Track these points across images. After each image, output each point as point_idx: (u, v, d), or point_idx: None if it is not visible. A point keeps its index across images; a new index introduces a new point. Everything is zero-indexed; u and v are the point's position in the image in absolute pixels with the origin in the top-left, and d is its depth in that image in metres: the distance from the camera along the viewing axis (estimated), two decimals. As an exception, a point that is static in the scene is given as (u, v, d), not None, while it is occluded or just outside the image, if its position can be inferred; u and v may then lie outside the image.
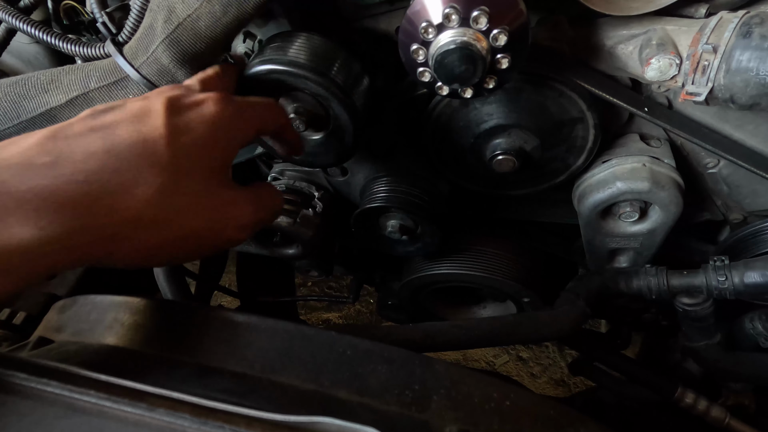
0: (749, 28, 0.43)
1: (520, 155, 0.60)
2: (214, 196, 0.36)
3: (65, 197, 0.29)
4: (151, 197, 0.32)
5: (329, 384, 0.31)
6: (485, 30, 0.42)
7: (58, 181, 0.29)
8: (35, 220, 0.28)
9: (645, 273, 0.63)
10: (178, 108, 0.35)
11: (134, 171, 0.32)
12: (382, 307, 1.02)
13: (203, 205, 0.35)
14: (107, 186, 0.31)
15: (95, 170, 0.30)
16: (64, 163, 0.30)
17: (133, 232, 0.32)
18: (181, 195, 0.34)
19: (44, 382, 0.27)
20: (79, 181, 0.30)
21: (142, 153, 0.32)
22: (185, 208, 0.34)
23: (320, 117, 0.55)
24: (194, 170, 0.34)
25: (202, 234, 0.36)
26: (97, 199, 0.30)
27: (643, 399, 0.78)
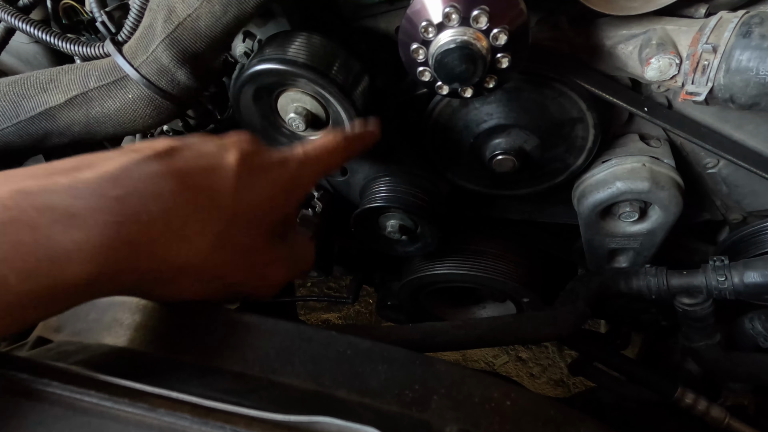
0: (749, 28, 0.43)
1: (520, 155, 0.60)
2: (259, 254, 0.36)
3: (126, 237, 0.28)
4: (205, 247, 0.32)
5: (329, 384, 0.31)
6: (485, 29, 0.42)
7: (123, 218, 0.28)
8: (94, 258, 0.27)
9: (645, 273, 0.63)
10: (250, 164, 0.35)
11: (195, 221, 0.31)
12: (381, 308, 1.01)
13: (249, 262, 0.35)
14: (167, 230, 0.30)
15: (160, 212, 0.30)
16: (133, 201, 0.29)
17: (179, 277, 0.32)
18: (230, 249, 0.33)
19: (44, 383, 0.27)
20: (143, 221, 0.29)
21: (207, 204, 0.32)
22: (230, 263, 0.34)
23: (320, 116, 0.55)
24: (249, 227, 0.34)
25: (238, 285, 0.36)
26: (153, 243, 0.30)
27: (643, 399, 0.78)
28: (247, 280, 0.36)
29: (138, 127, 0.52)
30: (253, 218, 0.35)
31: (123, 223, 0.28)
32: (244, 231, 0.34)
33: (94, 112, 0.51)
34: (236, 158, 0.34)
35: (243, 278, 0.36)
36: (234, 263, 0.34)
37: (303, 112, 0.54)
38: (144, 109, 0.50)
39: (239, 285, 0.36)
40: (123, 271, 0.29)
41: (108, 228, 0.28)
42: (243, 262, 0.35)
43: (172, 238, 0.30)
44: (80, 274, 0.27)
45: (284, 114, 0.56)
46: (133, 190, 0.29)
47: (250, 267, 0.35)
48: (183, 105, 0.52)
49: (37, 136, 0.52)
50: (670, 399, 0.69)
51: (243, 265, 0.35)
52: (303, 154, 0.39)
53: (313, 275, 0.91)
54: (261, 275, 0.37)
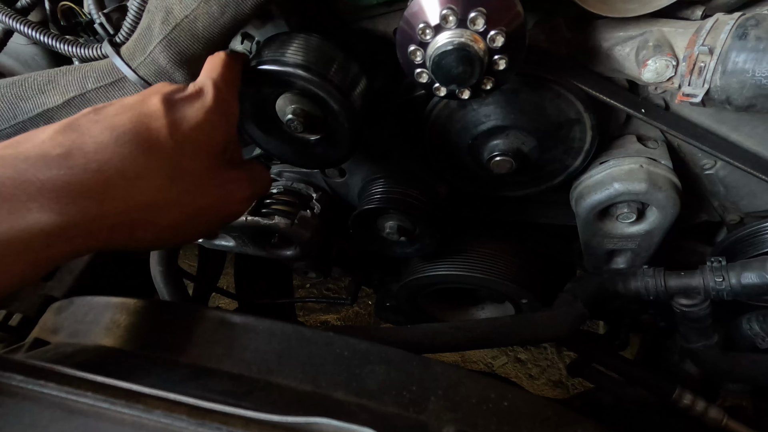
0: (745, 30, 0.44)
1: (518, 156, 0.60)
2: (215, 176, 0.40)
3: (82, 185, 0.31)
4: (161, 181, 0.35)
5: (327, 385, 0.31)
6: (482, 31, 0.42)
7: (73, 170, 0.31)
8: (56, 206, 0.30)
9: (642, 274, 0.63)
10: (173, 102, 0.38)
11: (143, 159, 0.35)
12: (380, 309, 1.01)
13: (208, 184, 0.39)
14: (120, 174, 0.33)
15: (106, 160, 0.33)
16: (77, 154, 0.32)
17: (149, 215, 0.35)
18: (188, 177, 0.37)
19: (41, 384, 0.27)
20: (93, 170, 0.32)
21: (148, 142, 0.35)
22: (192, 189, 0.38)
23: (318, 118, 0.55)
24: (196, 154, 0.38)
25: (208, 210, 0.40)
26: (112, 186, 0.33)
27: (642, 400, 0.78)
28: (214, 201, 0.40)
29: (136, 128, 0.52)
30: (198, 145, 0.38)
31: (73, 174, 0.31)
32: (193, 158, 0.38)
33: (92, 114, 0.51)
34: (159, 98, 0.38)
35: (210, 200, 0.39)
36: (196, 189, 0.38)
37: (301, 114, 0.54)
38: (142, 110, 0.50)
39: (210, 207, 0.39)
40: (91, 218, 0.32)
41: (59, 179, 0.30)
42: (203, 185, 0.38)
43: (126, 181, 0.34)
44: (40, 221, 0.29)
45: (282, 115, 0.56)
46: (73, 146, 0.32)
47: (212, 189, 0.39)
48: (181, 106, 0.52)
49: (34, 138, 0.52)
50: (668, 400, 0.69)
51: (204, 188, 0.39)
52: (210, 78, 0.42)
53: (312, 276, 0.91)
54: (225, 194, 0.41)
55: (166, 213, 0.36)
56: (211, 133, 0.39)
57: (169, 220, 0.37)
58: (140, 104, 0.37)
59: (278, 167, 0.77)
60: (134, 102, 0.37)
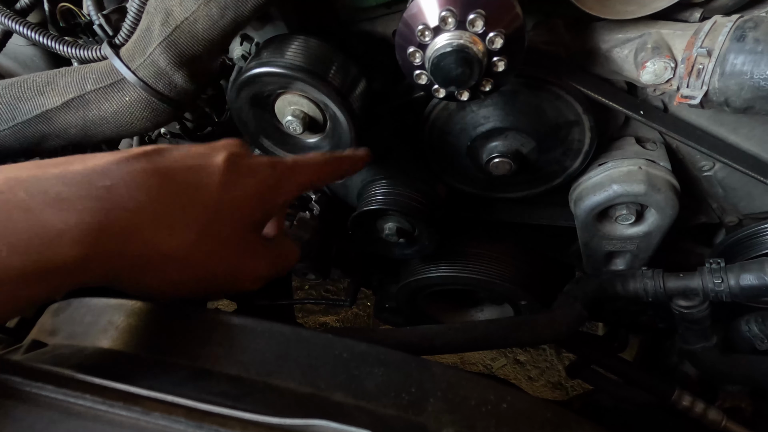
0: (743, 32, 0.44)
1: (517, 158, 0.61)
2: (243, 246, 0.38)
3: (114, 222, 0.31)
4: (189, 238, 0.34)
5: (325, 387, 0.31)
6: (481, 33, 0.43)
7: (111, 205, 0.31)
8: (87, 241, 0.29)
9: (641, 275, 0.63)
10: (237, 165, 0.37)
11: (181, 211, 0.34)
12: (379, 310, 1.01)
13: (233, 252, 0.37)
14: (153, 219, 0.32)
15: (146, 202, 0.32)
16: (121, 191, 0.31)
17: (166, 266, 0.34)
18: (215, 241, 0.36)
19: (38, 386, 0.27)
20: (130, 209, 0.31)
21: (194, 198, 0.34)
22: (215, 253, 0.36)
23: (317, 119, 0.55)
24: (234, 222, 0.37)
25: (222, 278, 0.38)
26: (140, 230, 0.32)
27: (641, 402, 0.78)
28: (231, 271, 0.38)
29: (135, 129, 0.52)
30: (238, 214, 0.37)
31: (111, 210, 0.30)
32: (228, 225, 0.36)
33: (91, 115, 0.51)
34: (224, 158, 0.37)
35: (226, 270, 0.38)
36: (218, 254, 0.36)
37: (300, 115, 0.54)
38: (141, 111, 0.50)
39: (224, 277, 0.38)
40: (112, 256, 0.31)
41: (97, 213, 0.30)
42: (227, 253, 0.37)
43: (158, 227, 0.33)
44: (70, 253, 0.29)
45: (281, 117, 0.56)
46: (120, 182, 0.31)
47: (233, 258, 0.38)
48: (180, 108, 0.52)
49: (33, 139, 0.52)
50: (667, 401, 0.69)
51: (227, 256, 0.37)
52: (292, 162, 0.41)
53: (311, 278, 0.91)
54: (244, 267, 0.39)
55: (182, 269, 0.35)
56: (256, 207, 0.38)
57: (181, 276, 0.35)
58: (204, 158, 0.36)
59: (277, 169, 0.77)
60: (199, 154, 0.36)
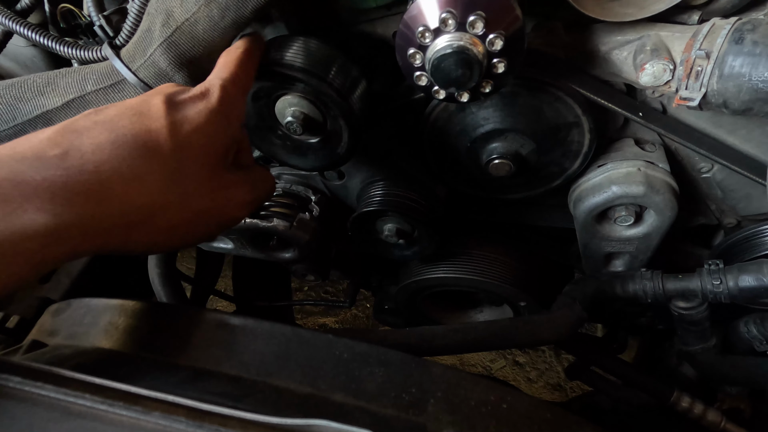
0: (741, 35, 0.44)
1: (516, 159, 0.61)
2: (216, 179, 0.39)
3: (78, 186, 0.31)
4: (159, 184, 0.35)
5: (326, 387, 0.31)
6: (481, 34, 0.43)
7: (70, 171, 0.31)
8: (51, 207, 0.29)
9: (640, 277, 0.63)
10: (175, 103, 0.37)
11: (141, 161, 0.34)
12: (378, 312, 1.01)
13: (207, 187, 0.38)
14: (117, 175, 0.33)
15: (104, 161, 0.32)
16: (74, 155, 0.32)
17: (147, 218, 0.34)
18: (187, 180, 0.36)
19: (39, 386, 0.27)
20: (90, 171, 0.31)
21: (147, 144, 0.34)
22: (191, 192, 0.37)
23: (317, 120, 0.55)
24: (197, 157, 0.37)
25: (208, 214, 0.39)
26: (109, 187, 0.32)
27: (640, 403, 0.78)
28: (215, 206, 0.39)
29: (135, 130, 0.52)
30: (198, 149, 0.37)
31: (69, 175, 0.31)
32: (193, 161, 0.37)
33: (91, 116, 0.51)
34: (161, 100, 0.37)
35: (209, 203, 0.38)
36: (195, 191, 0.37)
37: (300, 116, 0.54)
38: (141, 112, 0.50)
39: (209, 214, 0.39)
40: (87, 220, 0.31)
41: (55, 180, 0.30)
42: (203, 188, 0.38)
43: (124, 182, 0.33)
44: (36, 222, 0.29)
45: (281, 117, 0.56)
46: (70, 147, 0.32)
47: (211, 192, 0.38)
48: (180, 108, 0.52)
49: (33, 139, 0.52)
50: (666, 403, 0.69)
51: (204, 191, 0.38)
52: (220, 78, 0.41)
53: (310, 279, 0.91)
54: (225, 198, 0.40)
55: (164, 216, 0.35)
56: (213, 135, 0.38)
57: (166, 223, 0.36)
58: (142, 105, 0.36)
59: (277, 169, 0.78)
60: (136, 103, 0.37)
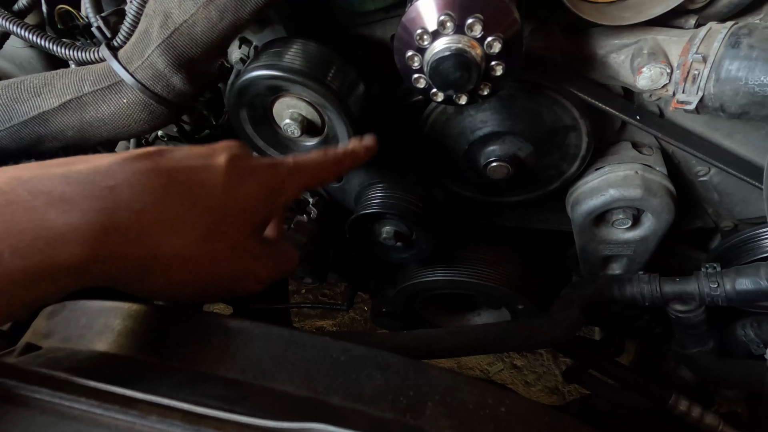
0: (738, 39, 0.44)
1: (514, 162, 0.61)
2: (247, 249, 0.38)
3: (118, 223, 0.30)
4: (194, 239, 0.34)
5: (323, 390, 0.31)
6: (480, 37, 0.43)
7: (115, 205, 0.30)
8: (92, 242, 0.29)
9: (638, 280, 0.63)
10: (239, 166, 0.37)
11: (185, 213, 0.33)
12: (376, 315, 1.01)
13: (236, 254, 0.37)
14: (158, 220, 0.32)
15: (151, 203, 0.32)
16: (125, 191, 0.31)
17: (169, 268, 0.34)
18: (220, 243, 0.36)
19: (33, 389, 0.27)
20: (134, 210, 0.31)
21: (198, 199, 0.34)
22: (220, 254, 0.36)
23: (315, 123, 0.55)
24: (237, 224, 0.37)
25: (225, 281, 0.38)
26: (145, 231, 0.32)
27: (638, 406, 0.78)
28: (235, 274, 0.38)
29: (132, 131, 0.52)
30: (241, 216, 0.37)
31: (114, 211, 0.30)
32: (232, 227, 0.36)
33: (88, 117, 0.50)
34: (226, 159, 0.36)
35: (230, 272, 0.38)
36: (222, 257, 0.36)
37: (298, 118, 0.54)
38: (139, 114, 0.50)
39: (227, 280, 0.38)
40: (115, 257, 0.30)
41: (100, 214, 0.29)
42: (231, 256, 0.37)
43: (162, 228, 0.32)
44: (73, 255, 0.28)
45: (280, 120, 0.56)
46: (123, 182, 0.31)
47: (237, 261, 0.38)
48: (178, 110, 0.52)
49: (30, 141, 0.52)
50: (664, 406, 0.69)
51: (231, 259, 0.37)
52: (293, 162, 0.41)
53: (308, 282, 0.91)
54: (247, 270, 0.39)
55: (186, 270, 0.35)
56: (260, 208, 0.38)
57: (185, 277, 0.35)
58: (206, 157, 0.36)
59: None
60: (202, 153, 0.36)
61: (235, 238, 0.37)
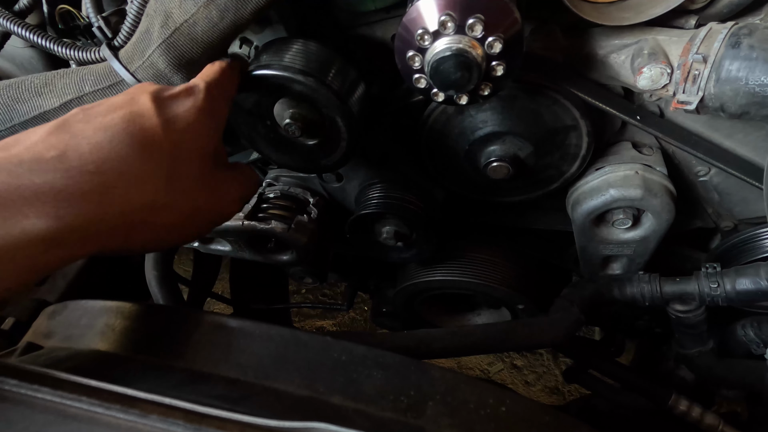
0: (738, 39, 0.44)
1: (515, 162, 0.61)
2: (209, 176, 0.39)
3: (79, 188, 0.30)
4: (159, 182, 0.35)
5: (324, 390, 0.31)
6: (480, 37, 0.43)
7: (70, 173, 0.30)
8: (53, 211, 0.29)
9: (638, 280, 0.63)
10: (162, 100, 0.37)
11: (141, 159, 0.34)
12: (376, 315, 1.01)
13: (202, 185, 0.38)
14: (118, 175, 0.32)
15: (103, 161, 0.32)
16: (72, 156, 0.31)
17: (146, 217, 0.34)
18: (184, 178, 0.37)
19: (34, 389, 0.27)
20: (90, 171, 0.31)
21: (144, 142, 0.34)
22: (188, 189, 0.37)
23: (316, 123, 0.55)
24: (191, 155, 0.37)
25: (203, 211, 0.39)
26: (111, 188, 0.32)
27: (638, 406, 0.78)
28: (208, 201, 0.39)
29: (133, 131, 0.52)
30: (192, 146, 0.37)
31: (70, 176, 0.30)
32: (188, 159, 0.37)
33: (89, 117, 0.50)
34: (148, 97, 0.36)
35: (205, 200, 0.39)
36: (192, 190, 0.37)
37: (299, 119, 0.54)
38: (139, 113, 0.50)
39: (205, 207, 0.39)
40: (88, 223, 0.31)
41: (56, 183, 0.29)
42: (200, 186, 0.38)
43: (126, 182, 0.33)
44: (37, 225, 0.28)
45: (280, 120, 0.56)
46: (67, 148, 0.31)
47: (207, 190, 0.39)
48: (179, 110, 0.52)
49: (30, 141, 0.52)
50: (664, 406, 0.69)
51: (201, 188, 0.38)
52: (203, 80, 0.41)
53: (308, 282, 0.91)
54: (219, 194, 0.41)
55: (163, 214, 0.35)
56: (204, 133, 0.39)
57: (165, 221, 0.36)
58: (130, 103, 0.36)
59: (275, 172, 0.77)
60: (123, 101, 0.36)
61: (195, 170, 0.38)
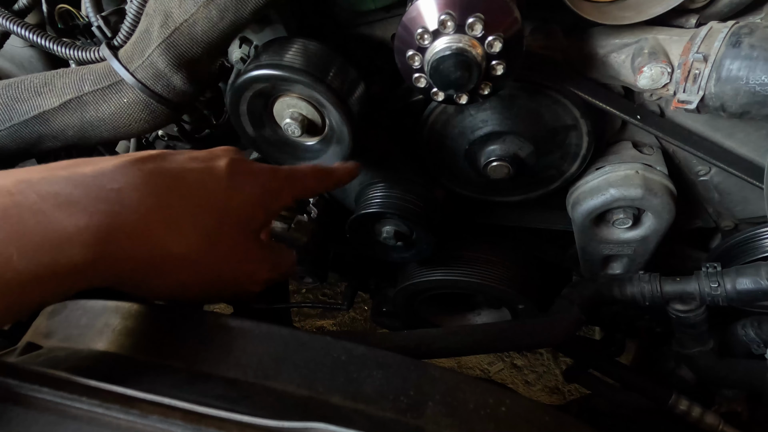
0: (738, 38, 0.44)
1: (515, 162, 0.61)
2: (246, 250, 0.39)
3: (123, 224, 0.31)
4: (198, 241, 0.35)
5: (324, 390, 0.31)
6: (480, 37, 0.43)
7: (120, 207, 0.31)
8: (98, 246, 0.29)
9: (638, 279, 0.63)
10: (239, 170, 0.38)
11: (189, 214, 0.34)
12: (376, 314, 1.01)
13: (238, 256, 0.38)
14: (165, 222, 0.33)
15: (155, 205, 0.32)
16: (131, 193, 0.32)
17: (173, 268, 0.34)
18: (222, 244, 0.37)
19: (34, 389, 0.27)
20: (139, 212, 0.31)
21: (201, 200, 0.35)
22: (222, 256, 0.37)
23: (316, 122, 0.55)
24: (239, 225, 0.38)
25: (227, 282, 0.39)
26: (149, 232, 0.32)
27: (638, 406, 0.78)
28: (235, 275, 0.39)
29: (133, 131, 0.52)
30: (243, 218, 0.38)
31: (120, 213, 0.31)
32: (234, 229, 0.37)
33: (88, 116, 0.50)
34: (226, 162, 0.38)
35: (232, 274, 0.38)
36: (224, 258, 0.37)
37: (299, 118, 0.54)
38: (139, 113, 0.50)
39: (228, 281, 0.39)
40: (120, 258, 0.31)
41: (107, 216, 0.30)
42: (232, 257, 0.38)
43: (167, 230, 0.33)
44: (79, 256, 0.29)
45: (280, 119, 0.56)
46: (128, 185, 0.32)
47: (238, 262, 0.38)
48: (178, 110, 0.52)
49: (30, 140, 0.52)
50: (664, 406, 0.69)
51: (232, 260, 0.38)
52: (289, 169, 0.43)
53: (308, 281, 0.91)
54: (248, 272, 0.40)
55: (190, 271, 0.35)
56: (259, 210, 0.39)
57: (189, 278, 0.36)
58: (207, 161, 0.37)
59: (275, 171, 0.77)
60: (202, 156, 0.37)
61: (236, 239, 0.38)
